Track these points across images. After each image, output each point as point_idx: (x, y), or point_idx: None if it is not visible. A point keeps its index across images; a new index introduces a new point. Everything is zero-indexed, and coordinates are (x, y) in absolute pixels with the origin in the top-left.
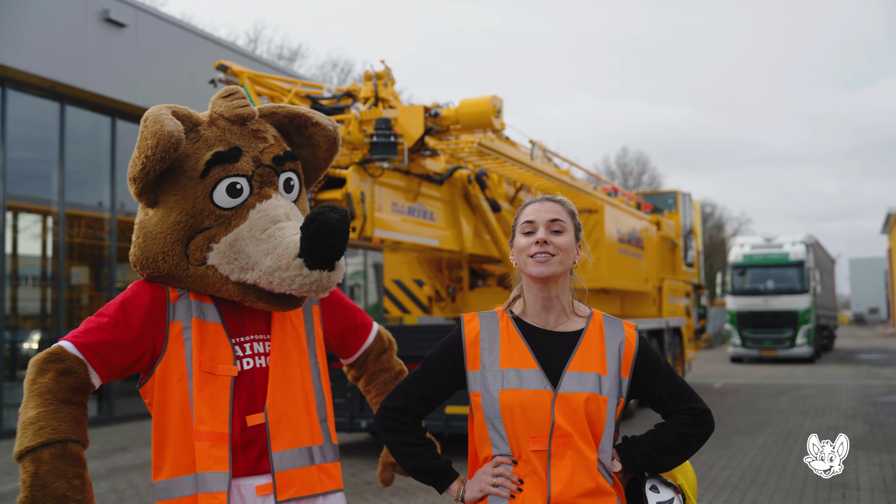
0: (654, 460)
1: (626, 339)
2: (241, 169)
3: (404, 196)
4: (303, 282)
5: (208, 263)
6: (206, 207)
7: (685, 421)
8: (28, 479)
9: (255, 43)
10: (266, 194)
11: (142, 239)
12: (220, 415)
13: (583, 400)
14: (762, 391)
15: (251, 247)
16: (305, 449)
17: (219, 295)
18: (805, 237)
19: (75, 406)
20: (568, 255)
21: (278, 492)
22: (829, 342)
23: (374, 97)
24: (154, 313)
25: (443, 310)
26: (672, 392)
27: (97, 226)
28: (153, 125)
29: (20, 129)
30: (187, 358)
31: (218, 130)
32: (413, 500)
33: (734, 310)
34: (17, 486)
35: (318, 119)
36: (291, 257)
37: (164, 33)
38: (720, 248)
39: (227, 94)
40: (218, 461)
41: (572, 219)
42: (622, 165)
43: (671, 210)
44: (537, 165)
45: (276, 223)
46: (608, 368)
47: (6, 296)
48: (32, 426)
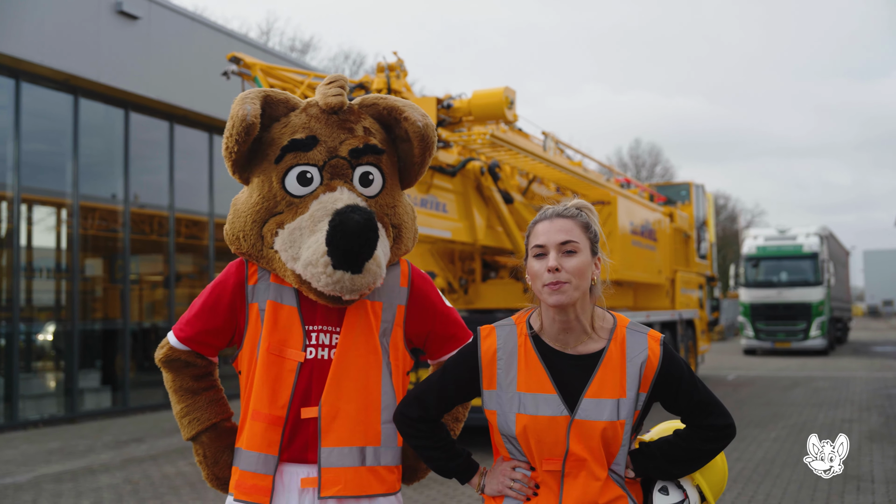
0: (667, 472)
1: (649, 357)
2: (312, 158)
3: (417, 188)
4: (327, 280)
5: (275, 248)
6: (279, 192)
7: (703, 437)
8: (202, 460)
9: (268, 35)
10: (333, 186)
11: (231, 216)
12: (281, 398)
13: (600, 429)
14: (775, 383)
15: (304, 237)
16: (357, 449)
17: (286, 280)
18: (819, 229)
19: (207, 390)
20: (583, 278)
21: (323, 487)
22: (843, 334)
23: (387, 89)
24: (237, 296)
25: (455, 302)
26: (694, 407)
27: (111, 218)
28: (235, 107)
29: (34, 122)
30: (260, 339)
31: (306, 118)
32: (427, 490)
33: (747, 302)
34: (33, 476)
35: (408, 113)
36: (321, 254)
37: (176, 25)
38: (733, 240)
39: (330, 81)
40: (270, 444)
41: (586, 231)
42: (635, 157)
43: (684, 202)
44: (550, 157)
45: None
46: (627, 391)
47: (21, 287)
48: (184, 419)
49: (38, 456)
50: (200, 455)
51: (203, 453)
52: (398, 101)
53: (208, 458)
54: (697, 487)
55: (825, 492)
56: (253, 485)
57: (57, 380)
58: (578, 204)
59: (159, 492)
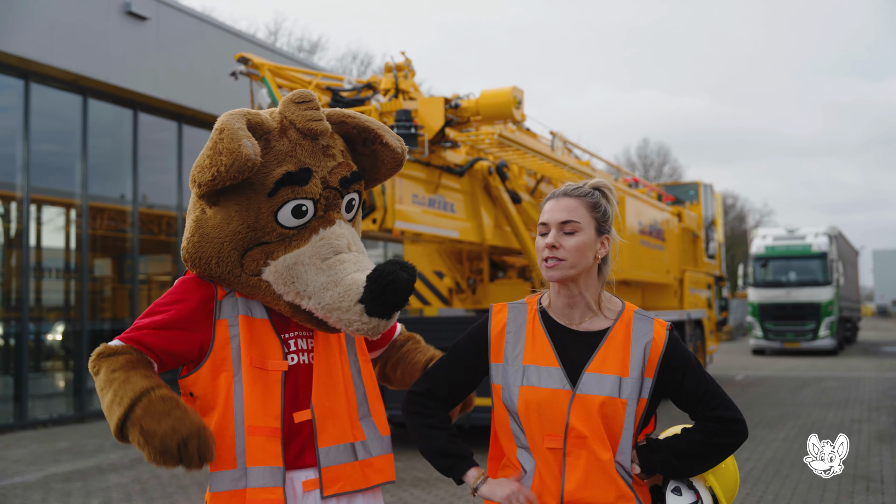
0: (673, 467)
1: (654, 339)
2: (309, 192)
3: (425, 188)
4: (360, 327)
5: (262, 277)
6: (269, 224)
7: (710, 429)
8: (140, 438)
9: (276, 35)
10: (330, 219)
11: (197, 238)
12: (273, 409)
13: (598, 403)
14: (784, 384)
15: (311, 275)
16: (349, 445)
17: (269, 306)
18: (828, 228)
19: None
20: (581, 256)
21: (325, 487)
22: (853, 334)
23: (395, 89)
24: (202, 313)
25: (463, 301)
26: (700, 397)
27: (119, 218)
28: (230, 142)
29: (43, 122)
30: (234, 354)
31: (289, 144)
32: (434, 490)
33: (756, 302)
34: (42, 475)
35: (388, 140)
36: (353, 301)
37: (184, 26)
38: (742, 240)
39: (301, 100)
40: (273, 456)
41: (593, 211)
42: (643, 157)
43: (692, 201)
44: (558, 157)
45: (338, 254)
46: (631, 371)
47: (30, 287)
48: (113, 402)
49: (48, 455)
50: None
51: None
52: (370, 122)
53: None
54: (710, 490)
55: (834, 492)
56: (265, 499)
57: (66, 379)
58: (595, 183)
59: (168, 491)
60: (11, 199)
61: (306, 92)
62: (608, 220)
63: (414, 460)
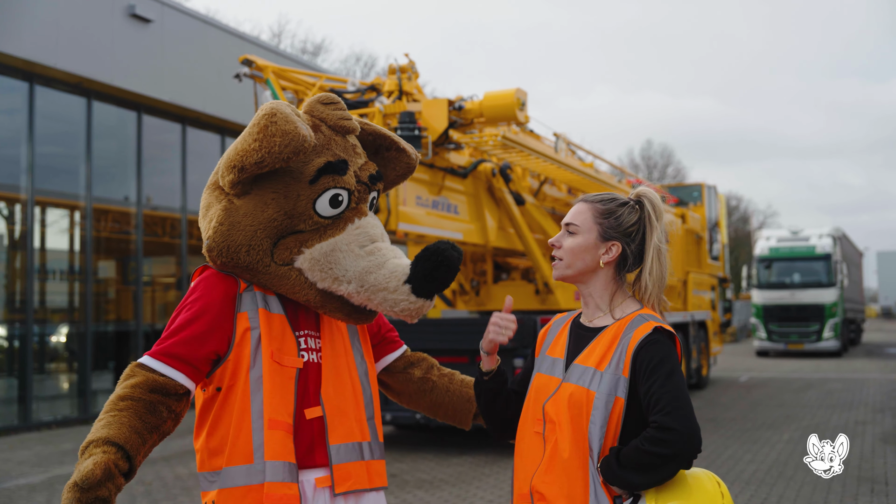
0: (624, 480)
1: (634, 335)
2: (346, 182)
3: (428, 189)
4: (407, 306)
5: (294, 265)
6: (307, 212)
7: (646, 434)
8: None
9: (279, 37)
10: (362, 211)
11: (227, 227)
12: (288, 405)
13: (569, 392)
14: (788, 385)
15: (349, 260)
16: (357, 444)
17: (294, 297)
18: (832, 230)
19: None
20: (576, 258)
21: (336, 484)
22: (857, 336)
23: (398, 91)
24: (228, 308)
25: (467, 303)
26: (653, 400)
27: (124, 220)
28: (284, 124)
29: (48, 125)
30: (253, 347)
31: (324, 138)
32: (438, 492)
33: (760, 303)
34: (47, 476)
35: (404, 146)
36: (400, 281)
37: (188, 28)
38: (746, 241)
39: (329, 101)
40: (289, 451)
41: (600, 217)
42: (646, 158)
43: (696, 203)
44: (561, 158)
45: (374, 242)
46: (608, 365)
47: (35, 289)
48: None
49: (52, 457)
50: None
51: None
52: (386, 130)
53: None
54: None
55: (839, 494)
56: (283, 495)
57: (70, 381)
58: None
59: (172, 493)
60: (16, 201)
61: (331, 94)
62: (619, 228)
63: (418, 462)
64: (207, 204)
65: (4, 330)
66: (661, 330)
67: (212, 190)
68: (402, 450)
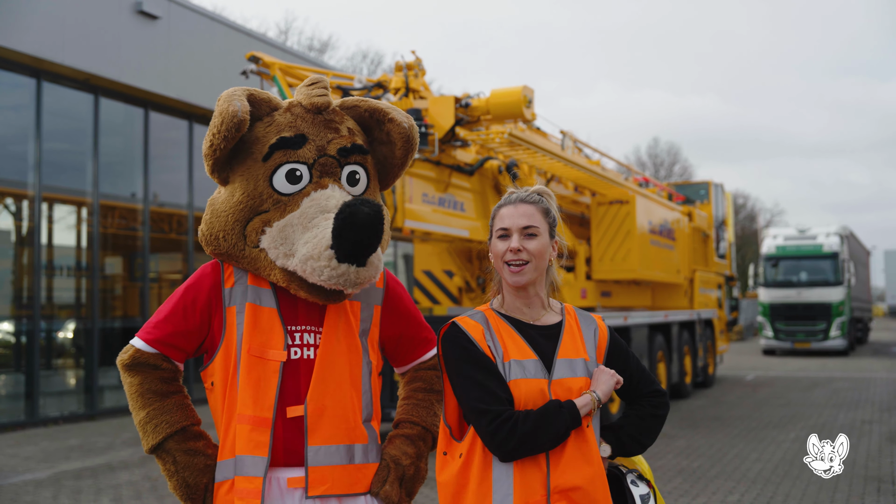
0: (638, 441)
1: (599, 327)
2: (302, 156)
3: (435, 187)
4: (330, 273)
5: (261, 246)
6: (266, 191)
7: (654, 403)
8: (171, 468)
9: (286, 34)
10: (323, 184)
11: (209, 215)
12: (266, 399)
13: (578, 386)
14: (795, 384)
15: (297, 234)
16: (344, 447)
17: (269, 280)
18: (839, 228)
19: (175, 394)
20: (542, 259)
21: (309, 486)
22: (864, 335)
23: (405, 88)
24: (213, 298)
25: (473, 300)
26: (641, 376)
27: (130, 216)
28: (222, 104)
29: (55, 121)
30: (237, 342)
31: (291, 117)
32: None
33: (767, 302)
34: (53, 472)
35: (393, 115)
36: (323, 247)
37: (195, 25)
38: (752, 240)
39: (311, 83)
40: (258, 445)
41: (546, 217)
42: (653, 156)
43: (703, 201)
44: (568, 156)
45: (325, 213)
46: (588, 353)
47: (42, 285)
48: (149, 425)
49: (59, 453)
50: (169, 462)
51: (173, 459)
52: (380, 103)
53: (179, 462)
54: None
55: (845, 493)
56: (243, 488)
57: (77, 377)
58: (539, 190)
59: None
60: (23, 198)
61: (317, 76)
62: (556, 225)
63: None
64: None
65: (12, 326)
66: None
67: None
68: None
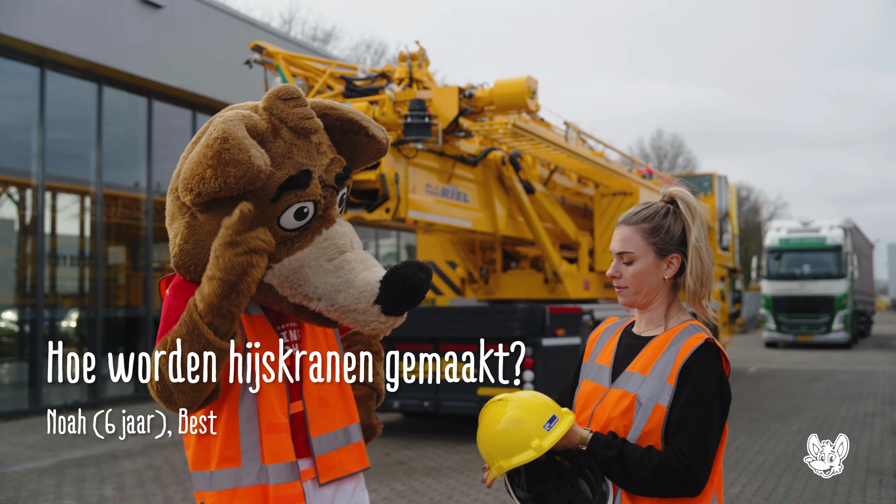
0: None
1: (682, 347)
2: (311, 194)
3: (438, 177)
4: (377, 326)
5: (265, 280)
6: (271, 229)
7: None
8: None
9: (290, 24)
10: (330, 217)
11: (191, 245)
12: (283, 405)
13: (617, 396)
14: (797, 376)
15: (317, 277)
16: (341, 430)
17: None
18: (843, 221)
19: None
20: (642, 282)
21: (321, 475)
22: (866, 328)
23: (409, 78)
24: None
25: (475, 291)
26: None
27: (134, 206)
28: (238, 153)
29: (59, 110)
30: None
31: (284, 145)
32: (446, 479)
33: (769, 294)
34: (56, 460)
35: (373, 132)
36: (369, 303)
37: (199, 14)
38: (756, 232)
39: (289, 97)
40: (289, 451)
41: (650, 236)
42: (657, 148)
43: (707, 193)
44: (572, 147)
45: (342, 254)
46: (653, 370)
47: (45, 274)
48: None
49: (62, 441)
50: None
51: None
52: (353, 113)
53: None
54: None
55: (847, 486)
56: (289, 494)
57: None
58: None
59: (181, 477)
60: (27, 187)
61: (292, 87)
62: (672, 240)
63: (425, 449)
64: (171, 214)
65: (15, 315)
66: (710, 346)
67: (174, 198)
68: (409, 437)
